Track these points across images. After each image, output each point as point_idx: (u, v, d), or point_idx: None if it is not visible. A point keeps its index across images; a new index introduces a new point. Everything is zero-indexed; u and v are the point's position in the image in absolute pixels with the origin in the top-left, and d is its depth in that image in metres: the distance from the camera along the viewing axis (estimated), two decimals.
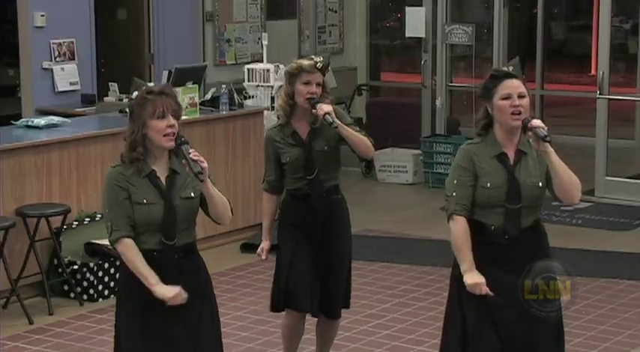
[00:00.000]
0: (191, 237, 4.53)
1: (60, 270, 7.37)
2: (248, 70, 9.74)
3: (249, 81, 9.70)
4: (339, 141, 5.50)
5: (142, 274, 4.38)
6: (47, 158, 7.49)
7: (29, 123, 8.01)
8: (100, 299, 7.41)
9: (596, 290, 7.54)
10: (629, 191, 10.28)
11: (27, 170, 7.36)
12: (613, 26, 10.86)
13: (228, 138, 8.82)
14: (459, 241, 4.56)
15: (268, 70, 9.59)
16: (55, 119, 8.07)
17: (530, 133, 4.53)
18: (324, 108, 5.37)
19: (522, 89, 4.57)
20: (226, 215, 4.53)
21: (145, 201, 4.41)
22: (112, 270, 7.49)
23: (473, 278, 4.51)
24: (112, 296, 7.46)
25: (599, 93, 10.29)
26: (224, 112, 8.82)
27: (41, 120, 8.00)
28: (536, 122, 4.51)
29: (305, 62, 5.46)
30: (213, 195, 4.43)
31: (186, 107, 8.43)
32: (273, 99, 9.58)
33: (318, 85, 5.44)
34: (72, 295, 7.38)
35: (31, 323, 6.95)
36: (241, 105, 9.09)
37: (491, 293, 4.51)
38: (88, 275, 7.40)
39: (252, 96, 9.63)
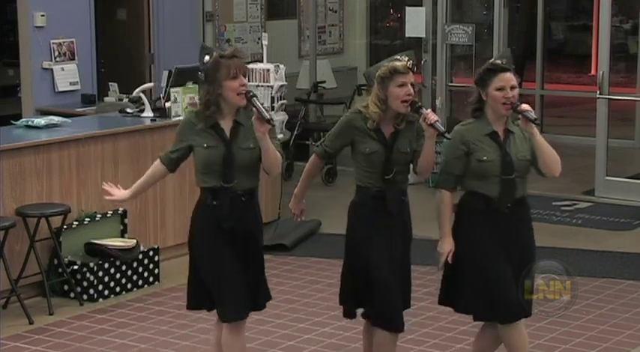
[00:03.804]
0: (252, 183, 5.22)
1: (60, 270, 7.37)
2: (248, 69, 9.71)
3: (249, 81, 9.67)
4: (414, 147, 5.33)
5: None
6: (47, 158, 7.49)
7: (29, 123, 8.00)
8: (100, 299, 7.40)
9: (596, 290, 7.54)
10: (629, 191, 10.27)
11: (27, 170, 7.36)
12: (613, 26, 10.86)
13: None
14: (443, 209, 5.29)
15: (268, 70, 9.58)
16: (55, 119, 8.06)
17: (520, 116, 5.17)
18: (432, 117, 5.15)
19: (514, 81, 5.18)
20: (275, 168, 5.21)
21: (205, 145, 5.12)
22: (112, 270, 7.49)
23: (449, 244, 5.29)
24: (112, 296, 7.47)
25: (599, 93, 10.28)
26: None
27: (41, 120, 8.00)
28: (525, 106, 5.15)
29: (397, 63, 5.22)
30: (267, 147, 5.08)
31: (186, 107, 8.44)
32: (273, 99, 9.58)
33: (411, 85, 5.24)
34: (72, 295, 7.38)
35: (31, 323, 6.94)
36: None
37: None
38: (88, 275, 7.40)
39: None
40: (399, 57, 5.30)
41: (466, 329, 6.77)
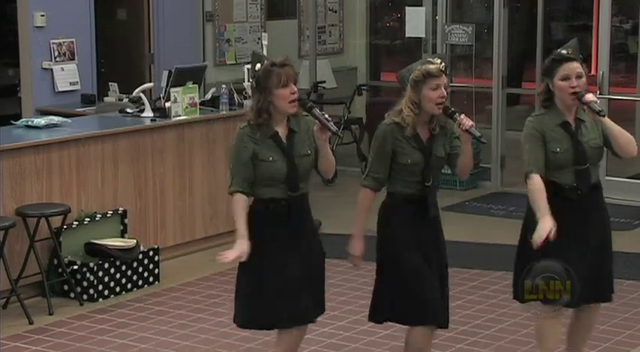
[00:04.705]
0: (307, 188, 5.20)
1: (60, 270, 7.37)
2: (248, 69, 9.72)
3: (249, 81, 9.68)
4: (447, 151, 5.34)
5: (237, 226, 5.00)
6: (47, 158, 7.49)
7: (29, 123, 8.01)
8: (100, 299, 7.41)
9: None
10: (629, 191, 10.28)
11: (27, 170, 7.36)
12: (613, 26, 10.85)
13: (228, 138, 8.79)
14: (536, 193, 5.19)
15: None
16: (55, 119, 8.06)
17: (585, 106, 5.25)
18: (467, 122, 5.16)
19: (580, 70, 5.29)
20: (332, 172, 5.26)
21: (270, 158, 5.03)
22: (112, 270, 7.49)
23: (548, 222, 5.09)
24: (112, 296, 7.47)
25: (599, 94, 10.29)
26: (224, 112, 8.82)
27: (41, 120, 8.00)
28: (590, 97, 5.23)
29: (431, 66, 5.18)
30: (327, 153, 5.11)
31: (186, 107, 8.44)
32: None
33: (445, 87, 5.21)
34: (72, 295, 7.38)
35: (31, 323, 6.95)
36: (241, 105, 9.08)
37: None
38: (88, 275, 7.40)
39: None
40: (431, 59, 5.25)
41: (466, 329, 6.77)
